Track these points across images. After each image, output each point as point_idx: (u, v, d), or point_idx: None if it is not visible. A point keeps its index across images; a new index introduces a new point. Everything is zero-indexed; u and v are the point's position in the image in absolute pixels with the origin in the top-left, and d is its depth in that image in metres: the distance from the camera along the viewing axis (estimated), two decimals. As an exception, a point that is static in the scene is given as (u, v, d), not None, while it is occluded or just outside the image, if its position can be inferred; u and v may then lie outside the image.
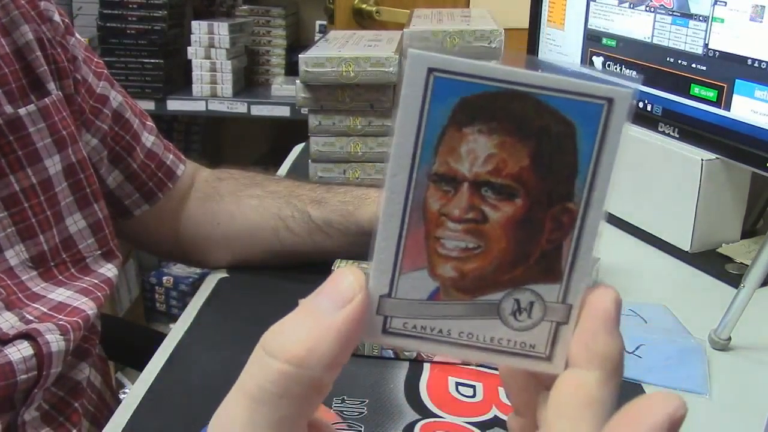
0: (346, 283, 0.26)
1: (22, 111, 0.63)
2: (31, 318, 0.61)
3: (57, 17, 0.70)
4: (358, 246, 0.77)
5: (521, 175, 0.26)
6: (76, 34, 0.73)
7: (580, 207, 0.26)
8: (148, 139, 0.79)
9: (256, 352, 0.25)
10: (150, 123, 0.81)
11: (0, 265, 0.62)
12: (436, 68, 0.25)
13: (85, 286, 0.67)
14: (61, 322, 0.62)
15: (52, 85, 0.67)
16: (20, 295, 0.62)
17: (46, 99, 0.65)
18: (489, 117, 0.25)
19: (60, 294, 0.65)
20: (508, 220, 0.26)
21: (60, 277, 0.66)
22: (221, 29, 2.09)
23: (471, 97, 0.25)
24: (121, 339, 0.96)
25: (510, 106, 0.25)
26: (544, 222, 0.26)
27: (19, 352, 0.58)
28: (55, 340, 0.60)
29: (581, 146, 0.26)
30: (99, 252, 0.70)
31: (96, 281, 0.68)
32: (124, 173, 0.77)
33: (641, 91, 0.96)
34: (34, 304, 0.63)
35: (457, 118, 0.25)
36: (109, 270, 0.70)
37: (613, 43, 1.00)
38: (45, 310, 0.63)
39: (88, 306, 0.65)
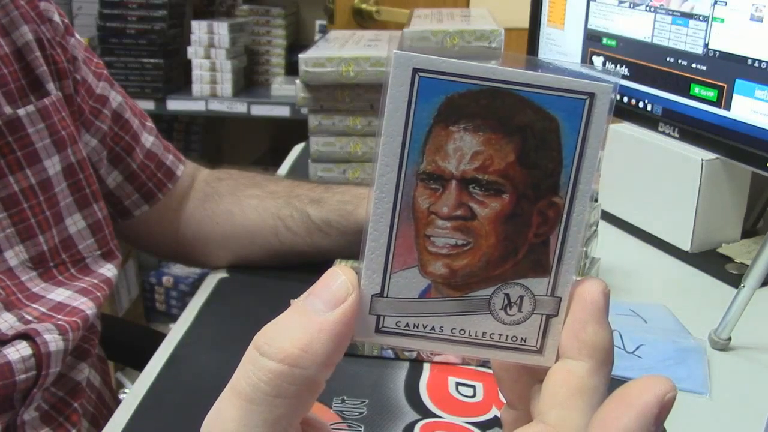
0: (338, 283, 0.26)
1: (21, 112, 0.63)
2: (30, 318, 0.61)
3: (57, 17, 0.70)
4: (357, 245, 0.76)
5: (507, 171, 0.26)
6: (76, 35, 0.73)
7: (566, 200, 0.27)
8: (148, 139, 0.79)
9: (249, 352, 0.25)
10: (150, 123, 0.81)
11: (0, 265, 0.62)
12: (420, 68, 0.25)
13: (84, 286, 0.67)
14: (59, 322, 0.61)
15: (51, 86, 0.67)
16: (20, 295, 0.62)
17: (45, 99, 0.65)
18: (474, 115, 0.26)
19: (59, 294, 0.65)
20: (496, 215, 0.27)
21: (59, 278, 0.66)
22: (221, 29, 2.09)
23: (456, 95, 0.25)
24: (121, 339, 0.96)
25: (494, 103, 0.26)
26: (531, 216, 0.27)
27: (18, 352, 0.58)
28: (53, 340, 0.59)
29: (565, 141, 0.26)
30: (98, 252, 0.70)
31: (95, 281, 0.68)
32: (123, 173, 0.77)
33: (641, 91, 0.96)
34: (33, 305, 0.62)
35: (442, 117, 0.26)
36: (108, 270, 0.70)
37: (613, 43, 1.00)
38: (44, 310, 0.63)
39: (87, 306, 0.65)
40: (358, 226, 0.75)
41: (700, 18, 0.86)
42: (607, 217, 0.98)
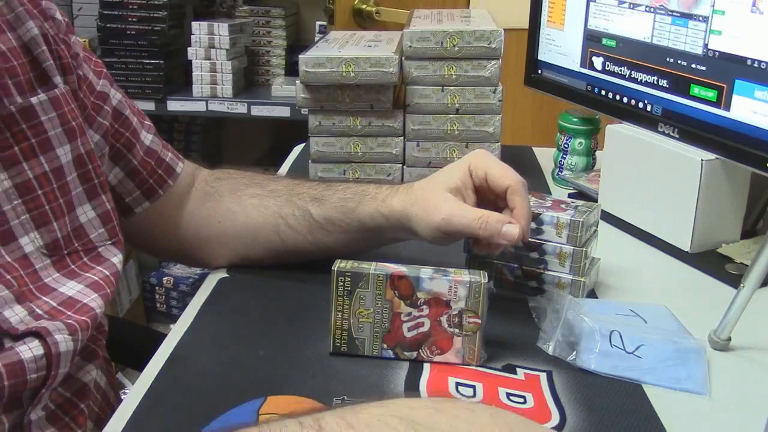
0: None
1: (34, 100, 0.64)
2: (41, 312, 0.61)
3: (58, 15, 0.71)
4: (358, 242, 0.77)
5: None
6: (75, 35, 0.74)
7: None
8: (147, 137, 0.79)
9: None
10: (148, 122, 0.82)
11: (15, 252, 0.61)
12: None
13: (95, 279, 0.67)
14: (69, 321, 0.62)
15: (58, 79, 0.68)
16: (32, 286, 0.62)
17: (55, 90, 0.66)
18: None
19: (70, 288, 0.65)
20: None
21: (72, 267, 0.66)
22: (221, 29, 2.09)
23: None
24: (121, 339, 0.96)
25: None
26: None
27: (30, 351, 0.58)
28: (63, 341, 0.59)
29: None
30: (110, 242, 0.70)
31: (106, 273, 0.68)
32: (124, 170, 0.77)
33: (641, 91, 0.96)
34: (44, 297, 0.63)
35: None
36: (118, 260, 0.71)
37: (613, 43, 1.00)
38: (54, 304, 0.63)
39: (96, 303, 0.65)
40: (360, 223, 0.75)
41: (700, 18, 0.86)
42: (607, 217, 0.98)
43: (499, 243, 0.68)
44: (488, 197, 0.71)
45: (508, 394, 0.61)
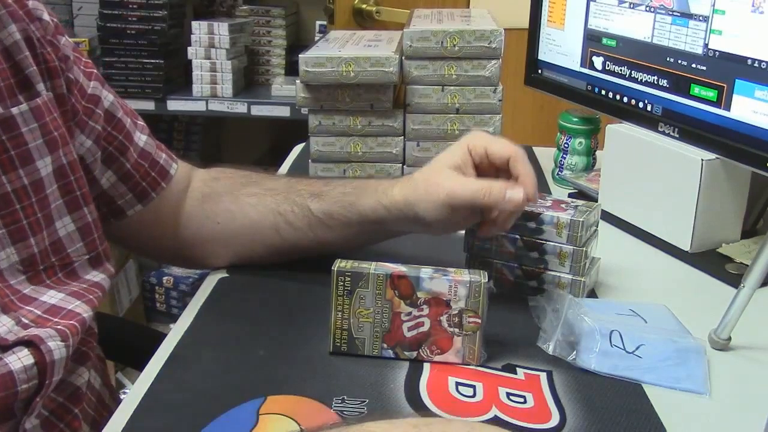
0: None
1: (14, 110, 0.62)
2: (27, 321, 0.60)
3: (46, 16, 0.69)
4: (359, 236, 0.76)
5: None
6: (66, 36, 0.72)
7: None
8: (141, 138, 0.78)
9: None
10: (141, 122, 0.80)
11: None
12: None
13: (75, 289, 0.66)
14: (59, 326, 0.61)
15: (41, 86, 0.65)
16: (12, 297, 0.61)
17: (37, 99, 0.64)
18: None
19: (52, 297, 0.64)
20: None
21: (48, 282, 0.64)
22: (221, 29, 2.09)
23: None
24: (121, 339, 0.96)
25: None
26: None
27: (20, 360, 0.57)
28: (57, 347, 0.59)
29: None
30: (87, 257, 0.68)
31: (86, 285, 0.67)
32: (117, 174, 0.76)
33: (641, 91, 0.96)
34: (27, 307, 0.61)
35: None
36: (95, 276, 0.69)
37: (613, 43, 1.00)
38: (39, 312, 0.62)
39: (83, 309, 0.64)
40: (361, 217, 0.74)
41: (700, 18, 0.86)
42: (607, 217, 0.98)
43: (506, 209, 0.69)
44: (488, 174, 0.72)
45: (508, 394, 0.61)
